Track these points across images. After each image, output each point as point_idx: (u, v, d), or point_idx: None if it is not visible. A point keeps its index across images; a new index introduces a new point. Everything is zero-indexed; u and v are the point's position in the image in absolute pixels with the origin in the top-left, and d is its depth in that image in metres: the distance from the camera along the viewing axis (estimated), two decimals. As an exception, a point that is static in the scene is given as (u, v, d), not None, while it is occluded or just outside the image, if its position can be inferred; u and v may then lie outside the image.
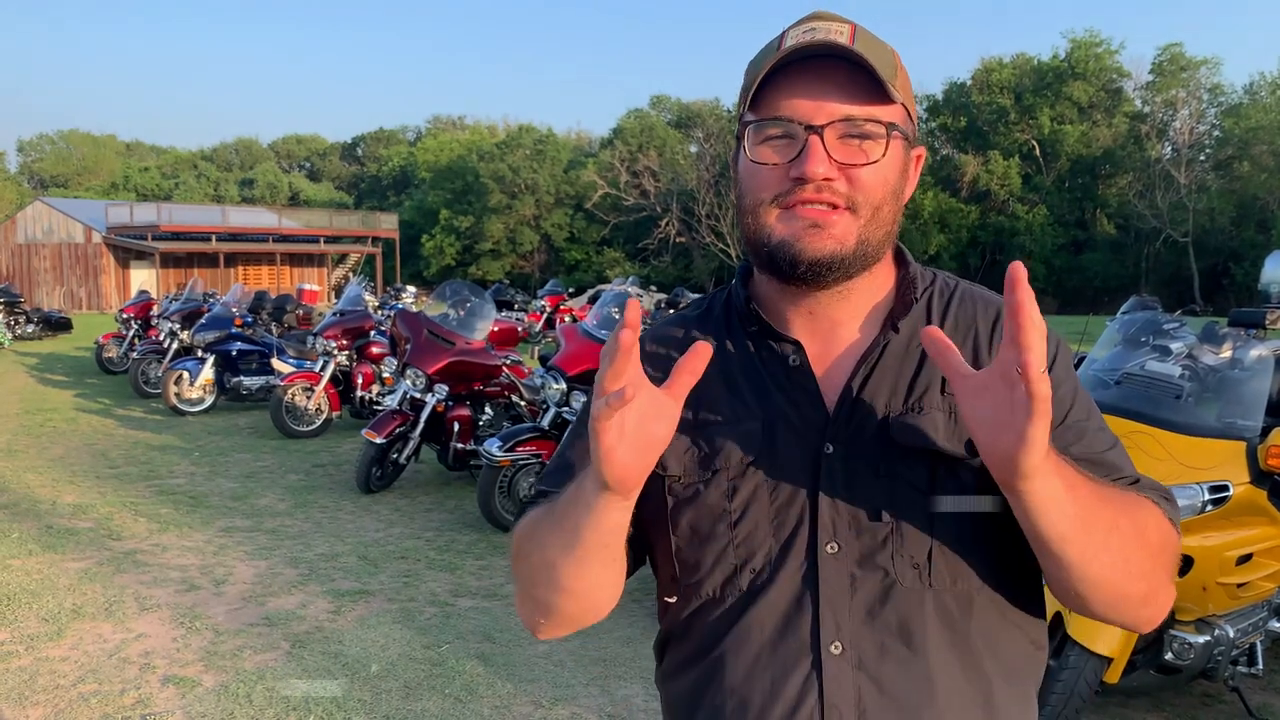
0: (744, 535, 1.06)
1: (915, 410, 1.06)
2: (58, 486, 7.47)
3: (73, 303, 37.63)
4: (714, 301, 1.22)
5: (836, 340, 1.12)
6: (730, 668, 1.07)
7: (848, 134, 1.03)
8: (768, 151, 1.05)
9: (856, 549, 1.04)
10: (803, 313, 1.12)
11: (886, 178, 1.05)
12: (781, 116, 1.03)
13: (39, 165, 76.74)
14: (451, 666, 4.12)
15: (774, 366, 1.11)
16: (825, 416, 1.07)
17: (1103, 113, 43.47)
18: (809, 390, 1.09)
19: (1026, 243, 41.02)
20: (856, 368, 1.08)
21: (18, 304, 21.96)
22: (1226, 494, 3.34)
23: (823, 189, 1.02)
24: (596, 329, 6.76)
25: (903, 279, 1.15)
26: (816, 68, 1.03)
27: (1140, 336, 4.20)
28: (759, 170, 1.05)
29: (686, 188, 46.04)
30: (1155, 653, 3.46)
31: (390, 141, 78.50)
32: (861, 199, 1.03)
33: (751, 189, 1.07)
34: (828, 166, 1.01)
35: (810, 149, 1.01)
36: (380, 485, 7.31)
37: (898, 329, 1.10)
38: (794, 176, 1.02)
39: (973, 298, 1.15)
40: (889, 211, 1.06)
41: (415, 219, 54.05)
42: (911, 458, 1.04)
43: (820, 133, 1.01)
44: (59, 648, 4.29)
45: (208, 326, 11.24)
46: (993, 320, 1.12)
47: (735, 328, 1.16)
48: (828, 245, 1.03)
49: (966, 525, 1.04)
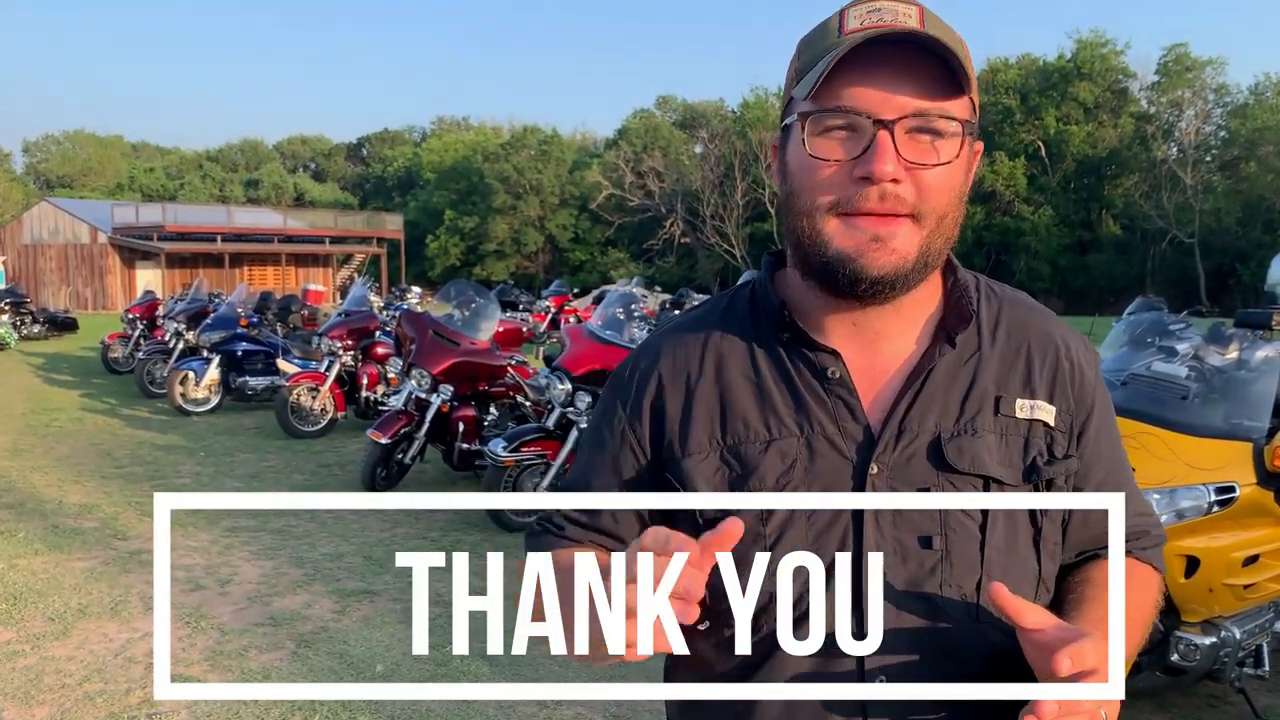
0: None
1: (968, 432, 1.00)
2: (63, 486, 7.49)
3: (78, 303, 37.72)
4: (735, 299, 1.13)
5: (881, 353, 1.04)
6: (767, 699, 1.00)
7: (918, 129, 0.94)
8: (829, 145, 0.95)
9: (903, 576, 0.97)
10: (845, 322, 1.03)
11: (954, 181, 0.97)
12: (846, 107, 0.93)
13: (45, 166, 76.94)
14: (456, 666, 4.12)
15: (810, 378, 1.03)
16: (870, 435, 1.00)
17: (1108, 113, 43.37)
18: (850, 405, 1.01)
19: (1032, 243, 40.98)
20: (907, 384, 1.01)
21: (24, 304, 22.06)
22: (1233, 495, 3.33)
23: (887, 196, 0.93)
24: (601, 329, 6.76)
25: (953, 287, 1.07)
26: (884, 54, 0.93)
27: (1146, 337, 4.20)
28: (818, 167, 0.95)
29: (691, 188, 46.00)
30: (1161, 654, 3.45)
31: (395, 142, 78.59)
32: (928, 207, 0.95)
33: (809, 188, 0.97)
34: (896, 165, 0.92)
35: (879, 146, 0.92)
36: (385, 485, 7.31)
37: (954, 344, 1.03)
38: (859, 176, 0.93)
39: (1019, 304, 1.10)
40: (953, 219, 0.99)
41: (420, 220, 54.10)
42: (964, 482, 0.98)
43: (891, 128, 0.92)
44: (65, 647, 4.30)
45: (213, 327, 11.26)
46: (1044, 331, 1.07)
47: (765, 331, 1.06)
48: (891, 261, 0.95)
49: (1018, 554, 1.00)
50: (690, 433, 1.04)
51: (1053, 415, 1.03)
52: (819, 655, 0.94)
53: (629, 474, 1.10)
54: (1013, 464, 1.00)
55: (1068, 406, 1.04)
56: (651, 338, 1.16)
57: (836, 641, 0.93)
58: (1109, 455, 1.07)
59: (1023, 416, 1.02)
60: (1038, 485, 1.01)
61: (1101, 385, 1.09)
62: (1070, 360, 1.06)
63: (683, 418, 1.05)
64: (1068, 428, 1.04)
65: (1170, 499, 3.29)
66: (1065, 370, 1.05)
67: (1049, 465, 1.01)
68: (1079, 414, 1.05)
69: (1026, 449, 1.02)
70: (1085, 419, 1.06)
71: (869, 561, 0.94)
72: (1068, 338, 1.08)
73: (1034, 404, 1.02)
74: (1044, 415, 1.02)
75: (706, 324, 1.10)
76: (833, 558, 0.94)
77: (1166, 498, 3.29)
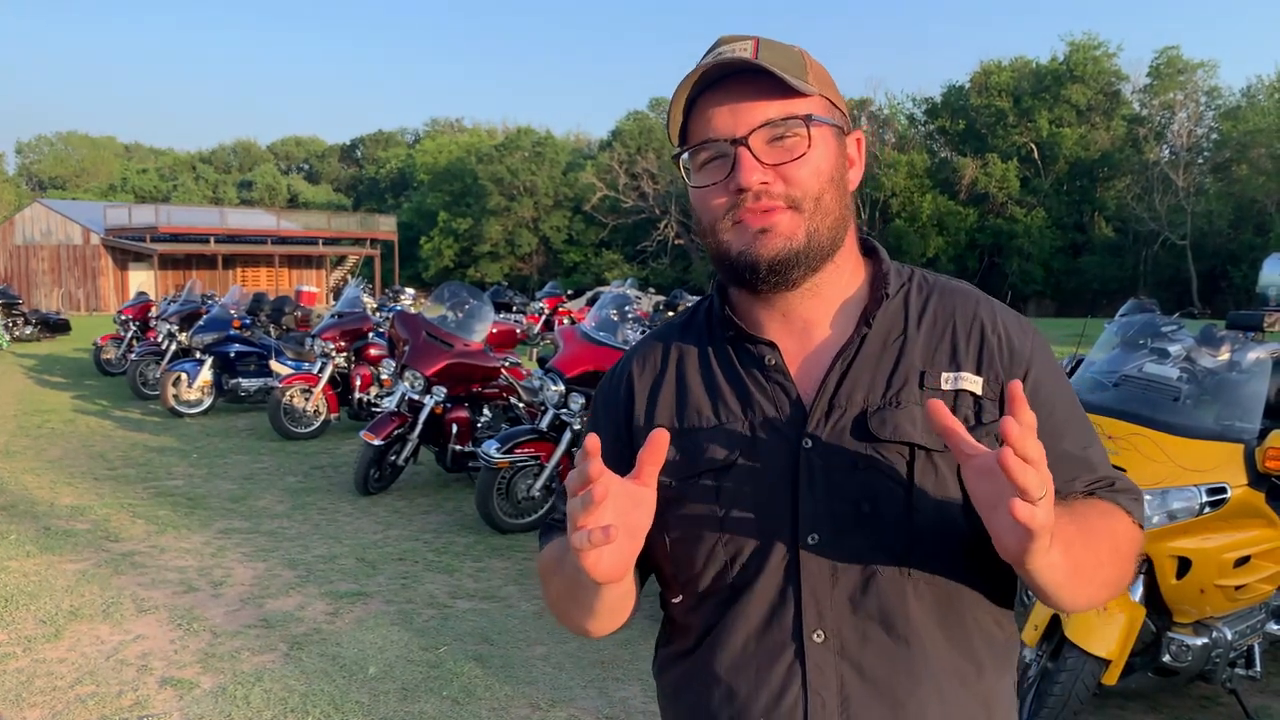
0: (730, 533, 1.10)
1: (893, 404, 1.08)
2: (55, 488, 7.46)
3: (71, 304, 37.62)
4: (696, 312, 1.26)
5: (811, 339, 1.15)
6: (718, 658, 1.11)
7: (772, 137, 1.07)
8: (707, 173, 1.10)
9: (836, 540, 1.06)
10: (776, 315, 1.15)
11: (819, 168, 1.09)
12: (708, 139, 1.08)
13: (38, 167, 76.71)
14: (449, 668, 4.11)
15: (752, 368, 1.14)
16: (803, 413, 1.10)
17: (1101, 115, 43.50)
18: (785, 388, 1.12)
19: (1025, 245, 41.05)
20: (832, 363, 1.11)
21: (16, 305, 21.94)
22: (1224, 496, 3.34)
23: (761, 195, 1.07)
24: (595, 331, 6.76)
25: (875, 275, 1.18)
26: (728, 87, 1.08)
27: (1138, 339, 4.20)
28: (705, 194, 1.11)
29: (685, 190, 45.96)
30: (1153, 655, 3.46)
31: (389, 143, 78.51)
32: (800, 194, 1.08)
33: (704, 211, 1.12)
34: (761, 172, 1.06)
35: (741, 161, 1.06)
36: (378, 487, 7.31)
37: (870, 324, 1.12)
38: (734, 189, 1.07)
39: (950, 291, 1.18)
40: (831, 199, 1.10)
41: (414, 221, 54.06)
42: (889, 450, 1.07)
43: (745, 143, 1.06)
44: (56, 649, 4.28)
45: (206, 328, 11.23)
46: (971, 313, 1.14)
47: (716, 335, 1.19)
48: (778, 244, 1.07)
49: (945, 515, 1.06)
50: (653, 421, 1.17)
51: (979, 385, 1.10)
52: (764, 614, 1.08)
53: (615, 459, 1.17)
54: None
55: (995, 377, 1.10)
56: (629, 351, 1.30)
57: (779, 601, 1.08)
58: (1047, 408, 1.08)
59: (948, 388, 1.10)
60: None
61: (1041, 351, 1.14)
62: (998, 334, 1.13)
63: (648, 408, 1.20)
64: (997, 395, 1.10)
65: (1162, 500, 3.30)
66: (992, 344, 1.12)
67: (974, 430, 1.07)
68: (1012, 378, 1.08)
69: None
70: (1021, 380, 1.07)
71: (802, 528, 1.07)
72: (996, 313, 1.15)
73: (959, 375, 1.10)
74: (970, 385, 1.10)
75: (672, 332, 1.25)
76: (774, 526, 1.08)
77: (1158, 499, 3.30)
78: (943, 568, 1.07)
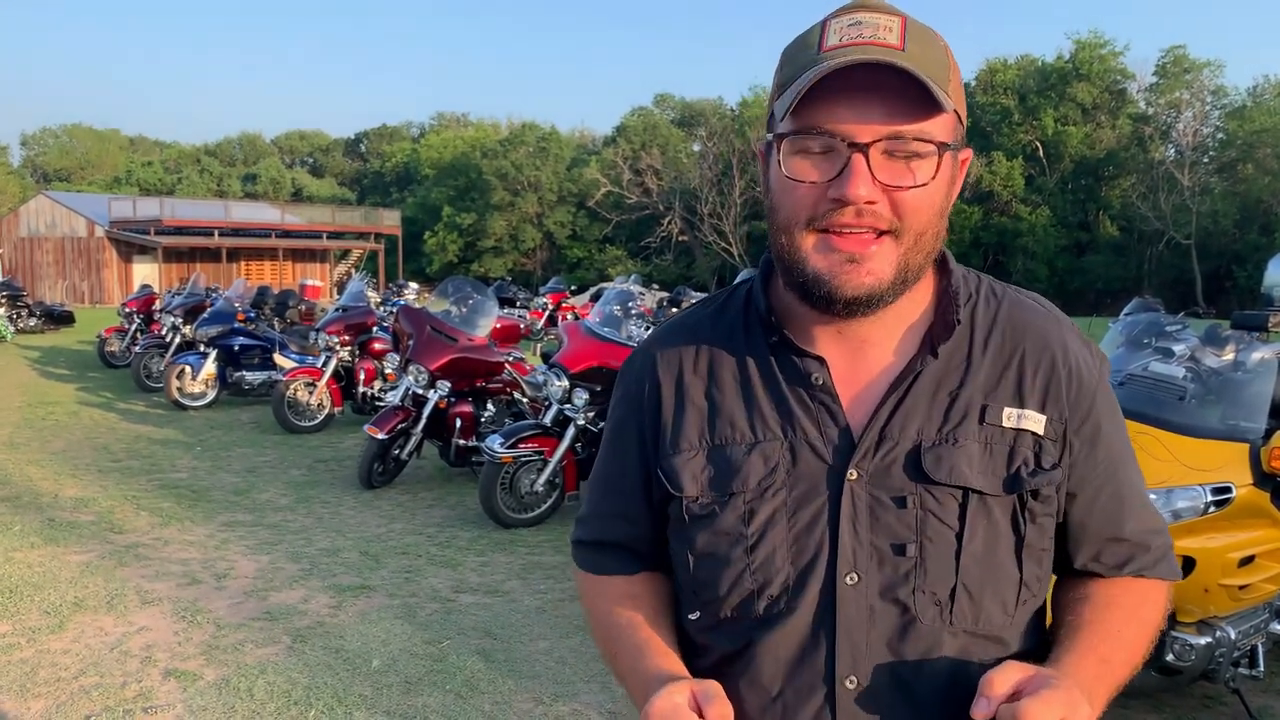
0: (760, 560, 1.01)
1: (949, 441, 0.99)
2: (60, 480, 7.48)
3: (75, 297, 37.66)
4: (730, 300, 1.14)
5: (865, 359, 1.04)
6: (740, 691, 1.02)
7: (895, 151, 0.93)
8: (805, 166, 0.95)
9: (878, 581, 0.98)
10: (830, 329, 1.04)
11: (934, 200, 0.96)
12: (822, 129, 0.93)
13: (42, 159, 76.76)
14: (452, 662, 4.12)
15: (795, 382, 1.03)
16: (850, 441, 1.00)
17: (1106, 114, 43.41)
18: (833, 411, 1.02)
19: (1029, 244, 41.01)
20: (888, 392, 1.01)
21: (20, 298, 21.98)
22: (1229, 496, 3.34)
23: (864, 213, 0.93)
24: (599, 327, 6.76)
25: (944, 292, 1.06)
26: (863, 72, 0.92)
27: (1143, 338, 4.20)
28: (794, 187, 0.96)
29: (689, 186, 46.02)
30: (1156, 654, 3.46)
31: (394, 138, 78.48)
32: (905, 225, 0.95)
33: (785, 206, 0.97)
34: (871, 188, 0.92)
35: (853, 169, 0.92)
36: (382, 481, 7.32)
37: (937, 354, 1.02)
38: (833, 198, 0.93)
39: (1021, 309, 1.08)
40: (933, 234, 0.98)
41: (418, 215, 54.07)
42: (942, 492, 0.99)
43: (865, 151, 0.92)
44: (60, 640, 4.30)
45: (210, 321, 11.24)
46: (1041, 340, 1.05)
47: (754, 333, 1.08)
48: (866, 282, 0.95)
49: (994, 561, 1.00)
50: (682, 431, 1.07)
51: (1042, 424, 1.01)
52: (794, 653, 1.00)
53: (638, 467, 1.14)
54: (995, 474, 0.99)
55: (1060, 414, 1.02)
56: (650, 336, 1.18)
57: (810, 640, 0.99)
58: (1107, 463, 1.05)
59: (1009, 426, 1.01)
60: (1021, 496, 1.00)
61: (1105, 392, 1.06)
62: (1069, 366, 1.04)
63: (675, 416, 1.08)
64: (1059, 436, 1.02)
65: (1167, 499, 3.30)
66: (1061, 376, 1.03)
67: (1033, 476, 1.00)
68: (1073, 421, 1.03)
69: (1011, 459, 1.00)
70: (1080, 425, 1.04)
71: (840, 565, 0.98)
72: (1068, 340, 1.06)
73: (1022, 413, 1.01)
74: (1032, 425, 1.01)
75: (701, 324, 1.12)
76: (810, 559, 0.99)
77: (1163, 498, 3.29)
78: (986, 621, 1.00)
